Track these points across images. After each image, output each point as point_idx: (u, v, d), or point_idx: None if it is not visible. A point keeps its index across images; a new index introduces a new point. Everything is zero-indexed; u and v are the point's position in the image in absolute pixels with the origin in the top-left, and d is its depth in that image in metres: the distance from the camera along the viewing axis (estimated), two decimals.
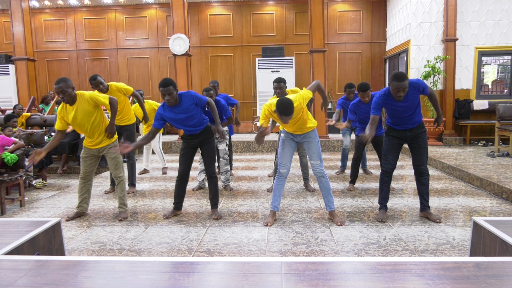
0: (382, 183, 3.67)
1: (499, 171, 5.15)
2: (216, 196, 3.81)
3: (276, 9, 10.91)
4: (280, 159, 3.60)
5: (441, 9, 8.29)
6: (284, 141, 3.60)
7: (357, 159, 4.82)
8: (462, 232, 3.23)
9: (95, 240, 3.22)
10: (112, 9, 11.16)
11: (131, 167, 4.88)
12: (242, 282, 1.29)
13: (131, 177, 4.91)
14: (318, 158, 3.50)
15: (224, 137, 3.82)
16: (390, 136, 3.60)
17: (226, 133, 4.83)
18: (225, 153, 4.84)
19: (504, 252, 1.71)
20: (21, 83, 9.06)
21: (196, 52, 11.06)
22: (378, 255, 2.82)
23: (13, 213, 4.14)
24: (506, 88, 8.73)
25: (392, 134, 3.58)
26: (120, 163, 3.81)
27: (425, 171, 3.54)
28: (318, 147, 3.51)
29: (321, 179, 3.53)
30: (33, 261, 1.50)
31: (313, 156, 3.51)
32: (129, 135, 4.79)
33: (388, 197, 3.71)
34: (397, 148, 3.58)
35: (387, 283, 1.27)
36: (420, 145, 3.51)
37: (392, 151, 3.58)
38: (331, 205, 3.58)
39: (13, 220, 2.12)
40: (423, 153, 3.52)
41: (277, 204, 3.59)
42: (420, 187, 3.59)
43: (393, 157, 3.59)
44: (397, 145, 3.58)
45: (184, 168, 3.74)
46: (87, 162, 3.75)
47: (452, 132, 8.51)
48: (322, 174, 3.51)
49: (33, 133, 6.09)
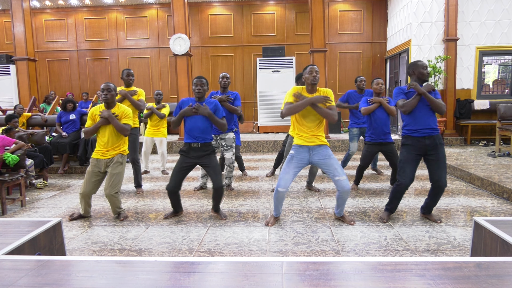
0: (395, 193, 3.46)
1: (500, 171, 5.15)
2: (219, 202, 3.74)
3: (277, 9, 10.91)
4: (282, 176, 3.34)
5: (442, 9, 8.28)
6: (293, 159, 3.34)
7: (363, 167, 4.66)
8: (463, 232, 3.23)
9: (96, 240, 3.23)
10: (112, 9, 11.17)
11: (137, 171, 4.88)
12: (243, 282, 1.29)
13: (137, 180, 4.92)
14: (342, 172, 3.27)
15: (197, 110, 3.49)
16: (407, 146, 3.36)
17: (233, 141, 4.72)
18: (231, 162, 4.68)
19: (505, 252, 1.71)
20: (22, 83, 9.07)
21: (197, 52, 11.06)
22: (379, 255, 2.82)
23: (14, 213, 4.14)
24: (507, 88, 8.72)
25: (409, 143, 3.35)
26: (118, 182, 3.69)
27: (443, 186, 3.32)
28: (337, 161, 3.32)
29: (345, 194, 3.32)
30: (34, 261, 1.50)
31: (337, 171, 3.25)
32: (133, 139, 4.73)
33: (397, 207, 3.56)
34: (415, 161, 3.35)
35: (388, 283, 1.27)
36: (439, 158, 3.29)
37: (409, 163, 3.34)
38: (342, 213, 3.55)
39: (14, 220, 2.13)
40: (443, 167, 3.30)
41: (279, 211, 3.57)
42: (431, 202, 3.47)
43: (411, 169, 3.34)
44: (416, 157, 3.34)
45: (176, 183, 3.58)
46: (92, 179, 3.68)
47: (453, 132, 8.50)
48: (348, 189, 3.27)
49: (34, 133, 6.09)
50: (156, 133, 5.95)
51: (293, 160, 3.34)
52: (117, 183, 3.70)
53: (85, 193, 3.69)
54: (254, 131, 10.51)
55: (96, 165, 3.70)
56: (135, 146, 4.76)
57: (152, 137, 5.98)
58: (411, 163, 3.35)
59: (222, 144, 4.63)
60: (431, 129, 3.30)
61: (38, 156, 5.51)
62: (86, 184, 3.68)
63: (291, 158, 3.36)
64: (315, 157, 3.31)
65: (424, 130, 3.29)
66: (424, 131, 3.30)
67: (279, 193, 3.36)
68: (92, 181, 3.69)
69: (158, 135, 5.97)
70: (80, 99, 10.32)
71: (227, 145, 4.61)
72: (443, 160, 3.31)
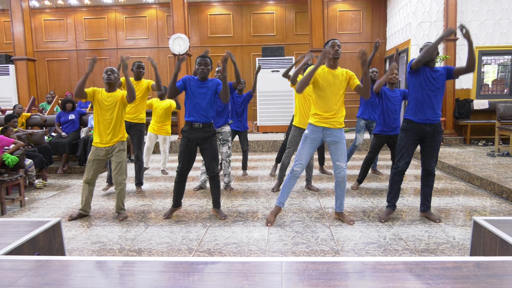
0: (392, 181, 3.55)
1: (499, 170, 5.15)
2: (219, 195, 3.74)
3: (276, 9, 10.91)
4: (298, 156, 3.39)
5: (441, 9, 8.29)
6: (307, 138, 3.37)
7: (370, 159, 4.67)
8: (462, 232, 3.23)
9: (95, 240, 3.22)
10: (112, 9, 11.16)
11: (139, 168, 4.85)
12: (242, 282, 1.29)
13: (139, 177, 4.89)
14: (344, 160, 3.36)
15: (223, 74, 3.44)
16: (408, 131, 3.41)
17: (230, 135, 4.73)
18: (228, 156, 4.73)
19: (504, 252, 1.71)
20: (21, 83, 9.06)
21: (196, 52, 11.04)
22: (378, 254, 2.82)
23: (13, 213, 4.14)
24: (506, 87, 8.72)
25: (410, 128, 3.40)
26: (124, 168, 3.76)
27: (433, 171, 3.47)
28: (345, 148, 3.39)
29: (342, 183, 3.42)
30: (33, 261, 1.50)
31: (340, 157, 3.34)
32: (139, 135, 4.73)
33: (398, 196, 3.60)
34: (413, 145, 3.43)
35: (387, 282, 1.27)
36: (434, 146, 3.40)
37: (408, 147, 3.42)
38: (342, 207, 3.55)
39: (13, 220, 2.13)
40: (435, 154, 3.43)
41: (283, 201, 3.51)
42: (425, 189, 3.52)
43: (408, 154, 3.44)
44: (414, 142, 3.41)
45: (184, 165, 3.61)
46: (94, 166, 3.72)
47: (452, 131, 8.51)
48: (344, 177, 3.39)
49: (33, 133, 6.09)
50: (160, 130, 5.84)
51: (307, 140, 3.38)
52: (125, 169, 3.77)
53: (87, 179, 3.74)
54: (253, 131, 10.50)
55: (97, 153, 3.72)
56: (140, 142, 4.73)
57: (156, 133, 5.87)
58: (409, 147, 3.44)
59: (219, 138, 4.65)
60: (434, 117, 3.35)
61: (38, 156, 5.51)
62: (88, 171, 3.73)
63: (305, 138, 3.39)
64: (328, 137, 3.35)
65: (427, 117, 3.34)
66: (427, 119, 3.34)
67: (294, 173, 3.39)
68: (94, 168, 3.74)
69: (162, 133, 5.87)
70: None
71: (224, 139, 4.65)
72: (437, 148, 3.43)
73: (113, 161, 3.74)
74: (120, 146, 3.75)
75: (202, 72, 3.51)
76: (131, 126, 4.64)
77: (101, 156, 3.73)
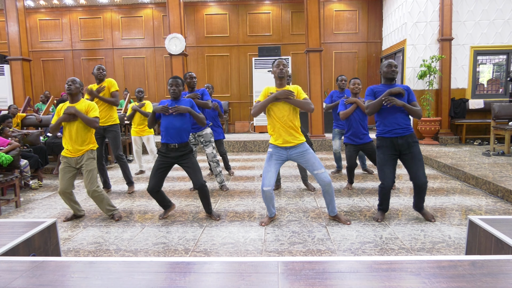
0: (381, 196, 3.51)
1: (495, 170, 5.18)
2: (209, 203, 3.72)
3: (272, 8, 10.92)
4: (265, 174, 3.37)
5: (436, 9, 8.33)
6: (272, 156, 3.39)
7: (351, 167, 4.74)
8: (458, 231, 3.25)
9: (91, 240, 3.21)
10: (107, 9, 11.12)
11: (124, 167, 4.83)
12: (239, 282, 1.29)
13: (127, 177, 4.87)
14: (320, 166, 3.34)
15: (167, 111, 3.49)
16: (382, 148, 3.43)
17: (211, 136, 4.75)
18: (213, 156, 4.75)
19: (499, 250, 1.72)
20: (16, 83, 9.01)
21: (192, 52, 11.04)
22: (374, 254, 2.83)
23: (9, 214, 4.11)
24: (501, 87, 8.78)
25: (383, 145, 3.42)
26: (94, 177, 3.70)
27: (424, 184, 3.37)
28: (315, 156, 3.38)
29: (327, 187, 3.38)
30: (28, 262, 1.49)
31: (315, 165, 3.34)
32: (114, 136, 4.70)
33: (388, 207, 3.60)
34: (392, 160, 3.40)
35: (383, 282, 1.27)
36: (413, 156, 3.34)
37: (387, 163, 3.39)
38: (334, 210, 3.54)
39: (9, 221, 2.11)
40: (419, 164, 3.34)
41: (272, 210, 3.56)
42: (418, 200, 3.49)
43: (390, 170, 3.39)
44: (391, 157, 3.40)
45: (155, 183, 3.55)
46: (66, 176, 3.66)
47: (447, 131, 8.55)
48: (328, 181, 3.35)
49: (29, 134, 6.05)
50: (141, 132, 5.92)
51: (272, 157, 3.41)
52: (95, 178, 3.72)
53: (62, 190, 3.67)
54: (250, 131, 10.51)
55: (67, 162, 3.70)
56: (116, 143, 4.72)
57: (139, 135, 5.95)
58: (388, 163, 3.41)
59: (201, 141, 4.70)
60: (402, 129, 3.34)
61: (33, 157, 5.47)
62: (61, 181, 3.68)
63: (270, 156, 3.42)
64: (292, 153, 3.37)
65: (395, 131, 3.35)
66: (395, 132, 3.35)
67: (266, 193, 3.39)
68: (67, 178, 3.68)
69: (144, 133, 5.95)
70: None
71: (206, 141, 4.70)
72: (418, 158, 3.36)
73: (83, 170, 3.70)
74: (90, 155, 3.73)
75: (174, 93, 3.60)
76: (105, 129, 4.66)
77: (72, 164, 3.69)
